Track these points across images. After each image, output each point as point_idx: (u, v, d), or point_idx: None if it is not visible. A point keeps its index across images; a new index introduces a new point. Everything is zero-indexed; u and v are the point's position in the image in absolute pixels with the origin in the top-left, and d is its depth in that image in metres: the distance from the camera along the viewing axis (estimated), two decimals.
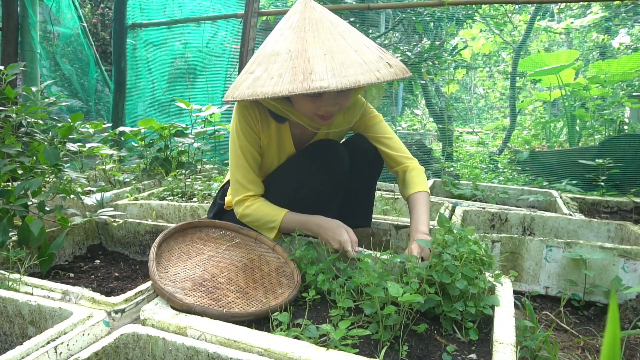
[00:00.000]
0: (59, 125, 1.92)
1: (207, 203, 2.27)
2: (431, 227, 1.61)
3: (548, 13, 7.11)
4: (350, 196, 1.68)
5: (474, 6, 5.17)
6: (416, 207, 1.55)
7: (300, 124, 1.55)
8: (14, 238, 1.58)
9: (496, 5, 6.36)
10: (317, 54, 1.25)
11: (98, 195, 2.10)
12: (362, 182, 1.69)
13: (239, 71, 3.53)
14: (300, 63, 1.24)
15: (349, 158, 1.57)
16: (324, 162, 1.53)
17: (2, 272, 1.31)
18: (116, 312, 1.14)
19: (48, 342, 0.95)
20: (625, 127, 4.23)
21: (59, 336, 0.97)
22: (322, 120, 1.44)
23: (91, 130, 2.39)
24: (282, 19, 1.42)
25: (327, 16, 1.36)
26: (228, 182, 1.73)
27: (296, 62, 1.25)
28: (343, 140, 1.72)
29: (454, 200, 2.48)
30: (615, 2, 5.00)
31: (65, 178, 1.83)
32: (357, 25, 5.26)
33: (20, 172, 1.70)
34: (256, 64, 1.34)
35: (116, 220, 1.90)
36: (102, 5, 6.70)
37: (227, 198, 1.68)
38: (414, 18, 5.18)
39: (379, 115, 1.69)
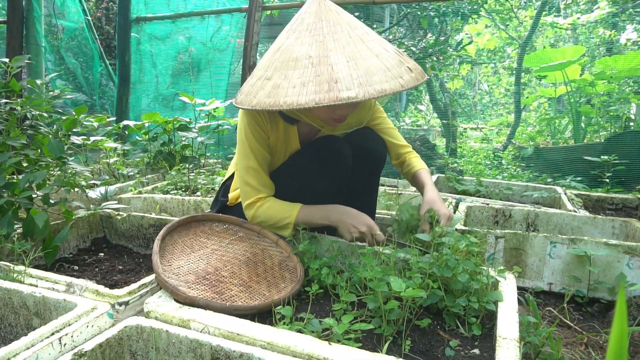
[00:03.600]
0: (64, 118, 1.92)
1: (210, 197, 2.27)
2: None
3: (554, 8, 7.05)
4: (353, 193, 1.67)
5: (479, 1, 5.13)
6: (423, 179, 1.65)
7: (308, 123, 1.55)
8: (18, 230, 1.59)
9: (502, 0, 6.31)
10: (340, 61, 1.21)
11: (102, 189, 2.11)
12: (366, 178, 1.69)
13: (243, 66, 3.53)
14: (324, 71, 1.19)
15: (352, 154, 1.57)
16: (327, 160, 1.52)
17: (7, 264, 1.32)
18: (120, 304, 1.15)
19: (52, 334, 0.96)
20: (631, 123, 4.21)
21: (64, 327, 0.98)
22: (336, 123, 1.44)
23: (95, 124, 2.39)
24: (294, 18, 1.36)
25: (343, 17, 1.32)
26: (230, 178, 1.73)
27: (319, 69, 1.20)
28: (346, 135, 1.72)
29: (457, 196, 2.47)
30: None
31: (69, 171, 1.84)
32: (362, 20, 5.23)
33: (25, 164, 1.70)
34: (272, 70, 1.28)
35: (120, 213, 1.90)
36: None
37: (231, 195, 1.67)
38: (418, 13, 5.15)
39: (382, 109, 1.74)
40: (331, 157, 1.52)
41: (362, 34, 1.29)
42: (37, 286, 1.21)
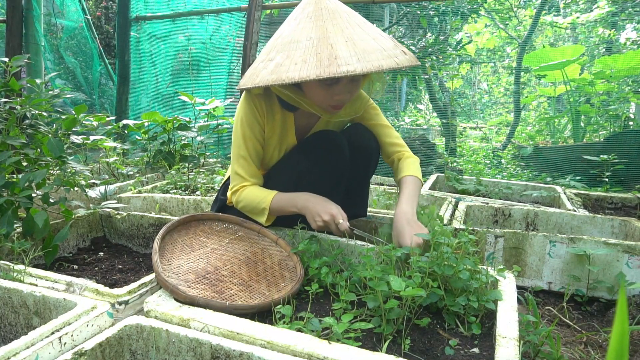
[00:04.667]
0: (63, 117, 1.92)
1: (210, 196, 2.27)
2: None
3: (554, 8, 7.05)
4: (348, 187, 1.69)
5: (479, 0, 5.13)
6: (403, 188, 1.54)
7: (305, 114, 1.57)
8: (18, 229, 1.59)
9: None
10: (339, 41, 1.28)
11: (102, 188, 2.11)
12: (357, 175, 1.70)
13: (243, 65, 3.53)
14: (324, 49, 1.26)
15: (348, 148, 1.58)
16: (324, 154, 1.54)
17: (7, 263, 1.32)
18: (120, 303, 1.15)
19: (52, 333, 0.96)
20: (631, 122, 4.21)
21: (64, 327, 0.98)
22: (334, 110, 1.46)
23: (95, 123, 2.39)
24: (295, 9, 1.43)
25: (342, 7, 1.39)
26: (230, 177, 1.73)
27: (319, 48, 1.27)
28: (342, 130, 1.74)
29: (457, 195, 2.47)
30: None
31: (69, 170, 1.84)
32: None
33: (24, 164, 1.70)
34: (275, 52, 1.35)
35: (120, 213, 1.90)
36: None
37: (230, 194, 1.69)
38: (418, 12, 5.15)
39: (377, 107, 1.75)
40: (328, 149, 1.54)
41: (360, 22, 1.37)
42: (37, 285, 1.21)
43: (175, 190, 2.48)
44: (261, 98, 1.53)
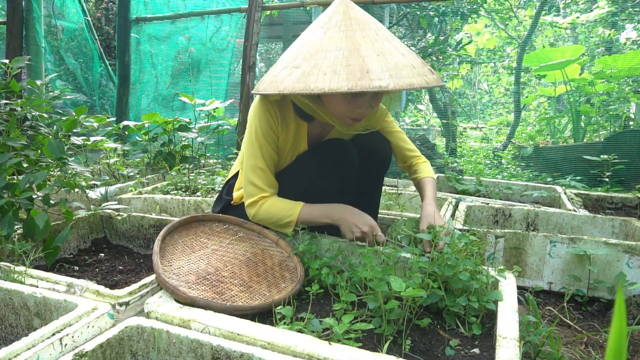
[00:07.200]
0: (64, 118, 1.92)
1: (210, 197, 2.27)
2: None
3: (554, 8, 7.06)
4: (357, 193, 1.68)
5: (478, 0, 5.13)
6: (425, 190, 1.68)
7: (319, 124, 1.56)
8: (19, 231, 1.59)
9: None
10: (370, 54, 1.25)
11: (102, 189, 2.11)
12: (370, 180, 1.70)
13: (243, 66, 3.53)
14: (355, 61, 1.23)
15: (358, 156, 1.58)
16: (334, 162, 1.52)
17: (8, 264, 1.32)
18: (121, 304, 1.15)
19: (53, 334, 0.96)
20: (631, 122, 4.21)
21: (64, 328, 0.98)
22: (354, 122, 1.44)
23: (95, 124, 2.39)
24: (320, 17, 1.40)
25: (370, 18, 1.37)
26: (233, 177, 1.72)
27: (350, 60, 1.23)
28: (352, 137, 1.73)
29: (457, 196, 2.47)
30: None
31: (69, 171, 1.84)
32: None
33: (25, 165, 1.70)
34: (301, 60, 1.30)
35: (120, 214, 1.90)
36: None
37: (235, 194, 1.67)
38: (418, 13, 5.15)
39: (389, 113, 1.77)
40: (339, 159, 1.53)
41: (387, 35, 1.35)
42: (37, 287, 1.21)
43: (175, 191, 2.48)
44: (276, 106, 1.50)
